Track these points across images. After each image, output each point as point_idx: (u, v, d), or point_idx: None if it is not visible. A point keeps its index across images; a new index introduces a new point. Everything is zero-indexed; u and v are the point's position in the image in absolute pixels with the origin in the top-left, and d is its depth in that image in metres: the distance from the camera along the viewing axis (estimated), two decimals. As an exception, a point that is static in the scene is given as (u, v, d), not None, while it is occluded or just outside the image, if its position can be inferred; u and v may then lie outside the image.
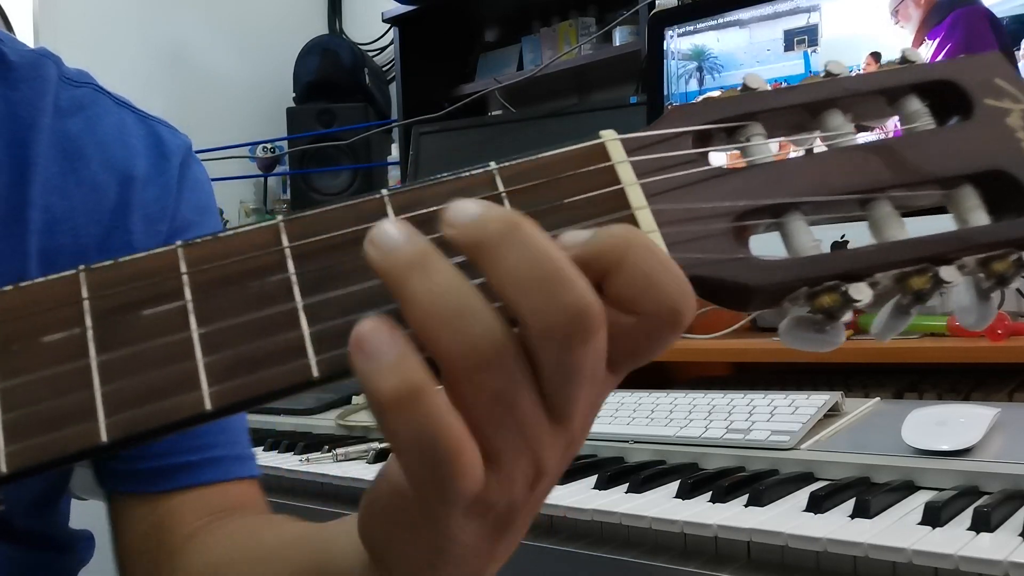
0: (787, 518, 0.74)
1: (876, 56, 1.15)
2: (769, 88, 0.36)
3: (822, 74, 0.37)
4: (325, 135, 2.70)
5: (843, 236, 0.91)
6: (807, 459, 0.86)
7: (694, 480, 0.83)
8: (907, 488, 0.79)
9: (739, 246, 0.34)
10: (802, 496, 0.78)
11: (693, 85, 1.23)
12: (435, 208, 0.31)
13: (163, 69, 2.81)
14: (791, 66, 1.17)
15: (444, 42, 2.58)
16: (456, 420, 0.29)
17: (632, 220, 0.33)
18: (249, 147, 2.80)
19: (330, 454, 1.09)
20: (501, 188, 0.33)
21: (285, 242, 0.32)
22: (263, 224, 0.32)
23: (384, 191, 0.33)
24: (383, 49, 2.91)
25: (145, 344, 0.30)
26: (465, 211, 0.29)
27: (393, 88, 2.72)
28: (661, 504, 0.80)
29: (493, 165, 0.34)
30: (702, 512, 0.77)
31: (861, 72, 0.37)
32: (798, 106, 0.36)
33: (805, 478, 0.85)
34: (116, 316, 0.31)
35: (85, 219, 0.62)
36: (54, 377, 0.30)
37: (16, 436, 0.29)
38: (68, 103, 0.65)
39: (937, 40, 1.16)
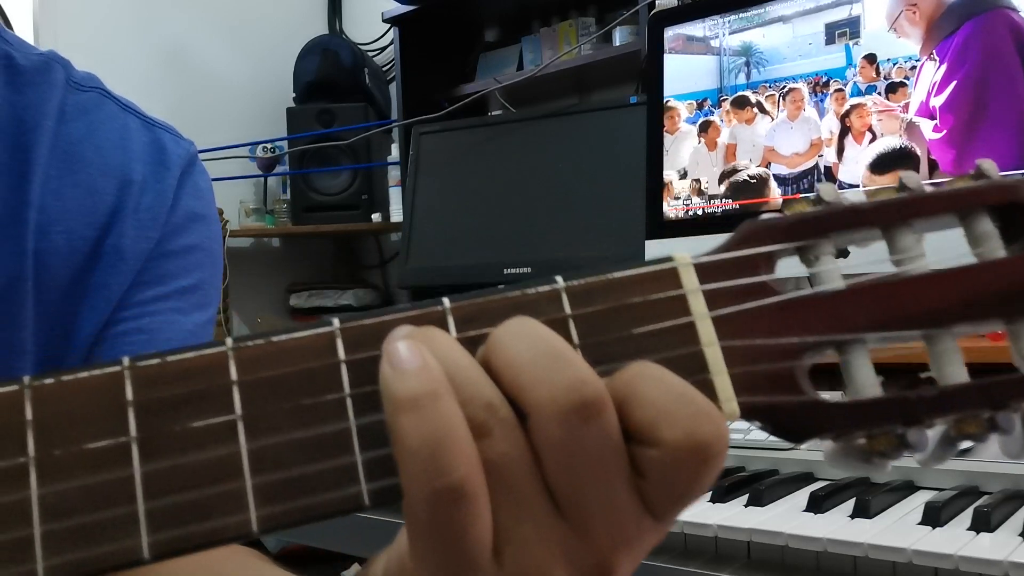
0: (787, 518, 0.74)
1: (870, 59, 1.14)
2: (843, 203, 0.35)
3: (892, 187, 0.36)
4: (325, 135, 2.70)
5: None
6: (807, 459, 0.86)
7: (694, 480, 0.83)
8: (907, 488, 0.79)
9: (802, 385, 0.33)
10: (802, 496, 0.78)
11: (742, 79, 1.25)
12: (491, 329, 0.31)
13: (163, 69, 2.81)
14: (832, 59, 1.16)
15: (444, 42, 2.58)
16: (470, 443, 0.29)
17: (701, 358, 0.32)
18: (249, 147, 2.80)
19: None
20: (568, 310, 0.32)
21: (341, 353, 0.31)
22: (318, 330, 0.31)
23: (446, 301, 0.32)
24: (383, 49, 2.91)
25: (191, 458, 0.29)
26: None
27: (393, 88, 2.72)
28: (661, 504, 0.80)
29: (560, 282, 0.33)
30: (702, 512, 0.77)
31: (934, 185, 0.36)
32: (870, 224, 0.35)
33: (805, 478, 0.85)
34: (161, 423, 0.29)
35: (79, 222, 0.62)
36: (97, 488, 0.29)
37: (56, 550, 0.28)
38: (73, 107, 0.65)
39: (946, 62, 1.05)
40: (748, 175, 1.21)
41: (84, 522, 0.28)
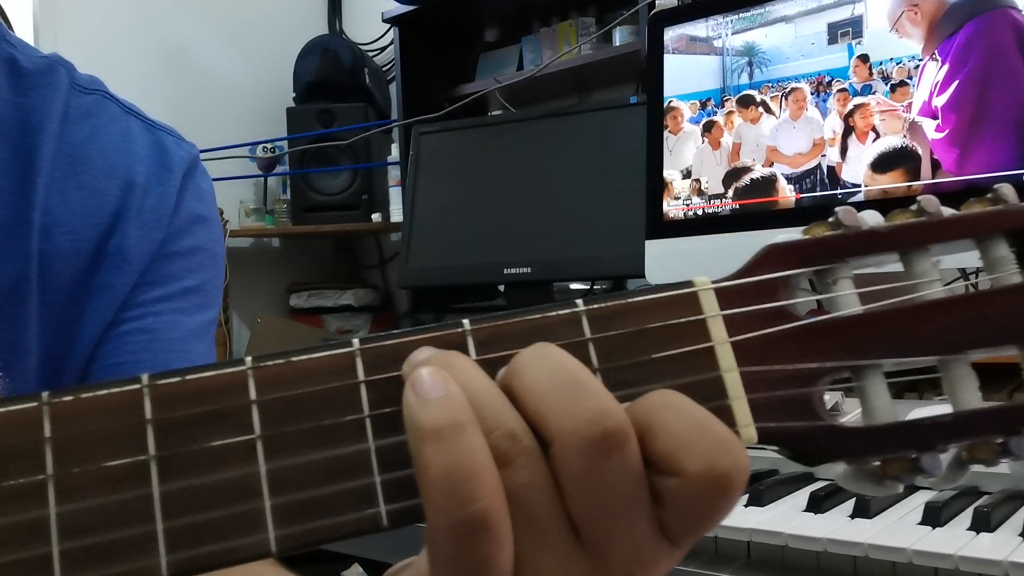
0: (787, 518, 0.74)
1: (864, 58, 1.13)
2: (862, 227, 0.35)
3: (912, 208, 0.36)
4: (325, 135, 2.70)
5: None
6: (807, 459, 0.86)
7: (694, 480, 0.83)
8: (907, 488, 0.79)
9: (819, 410, 0.34)
10: (802, 496, 0.78)
11: (744, 79, 1.25)
12: (514, 351, 0.31)
13: (163, 69, 2.81)
14: (835, 59, 1.17)
15: (444, 42, 2.58)
16: (493, 473, 0.29)
17: (719, 383, 0.33)
18: (249, 147, 2.80)
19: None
20: (587, 333, 0.32)
21: (360, 373, 0.31)
22: (338, 350, 0.31)
23: (466, 323, 0.32)
24: (383, 49, 2.91)
25: (210, 477, 0.29)
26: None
27: (393, 88, 2.72)
28: (661, 504, 0.80)
29: (581, 305, 0.33)
30: (702, 512, 0.77)
31: (955, 213, 0.36)
32: (888, 249, 0.35)
33: (805, 478, 0.85)
34: (180, 442, 0.29)
35: (83, 223, 0.63)
36: (115, 506, 0.29)
37: (74, 568, 0.28)
38: (76, 110, 0.66)
39: (948, 62, 1.05)
40: (756, 175, 1.21)
41: (102, 541, 0.28)
